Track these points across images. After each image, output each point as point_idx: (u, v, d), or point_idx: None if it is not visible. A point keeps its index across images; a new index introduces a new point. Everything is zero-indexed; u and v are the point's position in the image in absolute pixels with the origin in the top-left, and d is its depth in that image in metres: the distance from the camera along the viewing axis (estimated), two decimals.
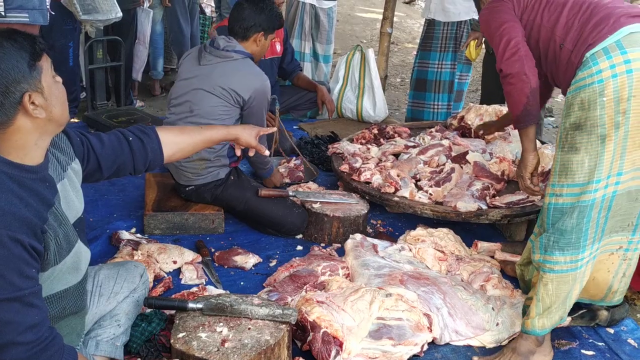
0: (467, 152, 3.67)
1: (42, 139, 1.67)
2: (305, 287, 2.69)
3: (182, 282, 2.84)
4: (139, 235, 3.19)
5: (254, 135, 2.41)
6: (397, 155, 3.89)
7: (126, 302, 2.22)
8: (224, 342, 2.06)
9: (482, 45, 4.77)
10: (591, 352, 2.53)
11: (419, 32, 8.43)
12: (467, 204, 3.19)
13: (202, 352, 2.01)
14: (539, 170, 2.78)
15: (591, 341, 2.60)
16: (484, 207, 3.22)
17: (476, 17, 4.58)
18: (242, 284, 2.89)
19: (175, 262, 2.93)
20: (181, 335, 2.10)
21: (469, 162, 3.60)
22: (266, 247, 3.24)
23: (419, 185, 3.45)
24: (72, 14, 4.38)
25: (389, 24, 5.34)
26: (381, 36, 5.46)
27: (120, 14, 4.52)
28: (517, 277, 2.84)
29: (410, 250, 3.09)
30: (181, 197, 3.37)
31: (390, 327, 2.37)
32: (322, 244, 3.28)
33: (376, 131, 4.24)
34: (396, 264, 2.87)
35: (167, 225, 3.25)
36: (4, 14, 3.35)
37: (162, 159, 2.15)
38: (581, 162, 2.20)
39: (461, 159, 3.64)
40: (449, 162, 3.62)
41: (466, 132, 4.06)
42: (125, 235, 3.11)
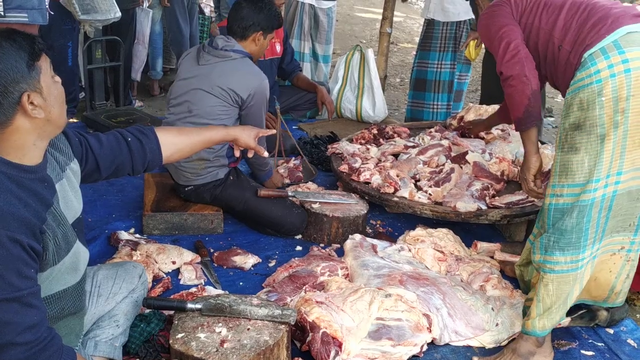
0: (466, 152, 3.67)
1: (40, 140, 1.67)
2: (304, 288, 2.68)
3: (181, 282, 2.84)
4: (137, 235, 3.19)
5: (253, 136, 2.42)
6: (396, 155, 3.89)
7: (125, 303, 2.22)
8: (223, 342, 2.06)
9: (482, 45, 4.77)
10: (591, 353, 2.53)
11: (418, 32, 8.43)
12: (467, 204, 3.18)
13: (201, 353, 2.01)
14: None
15: (591, 341, 2.60)
16: (484, 207, 3.22)
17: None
18: (241, 284, 2.89)
19: (174, 262, 2.93)
20: (180, 335, 2.09)
21: (469, 162, 3.59)
22: (265, 247, 3.24)
23: (418, 185, 3.45)
24: (71, 14, 4.38)
25: (388, 24, 5.34)
26: (380, 36, 5.46)
27: (119, 14, 4.52)
28: (516, 278, 2.84)
29: (409, 250, 3.08)
30: (180, 197, 3.36)
31: (389, 328, 2.37)
32: (322, 244, 3.27)
33: (375, 131, 4.23)
34: (395, 265, 2.87)
35: (166, 225, 3.25)
36: (3, 13, 3.34)
37: (161, 159, 2.16)
38: (581, 162, 2.20)
39: (461, 159, 3.64)
40: (449, 162, 3.62)
41: (466, 132, 4.06)
42: (124, 235, 3.10)
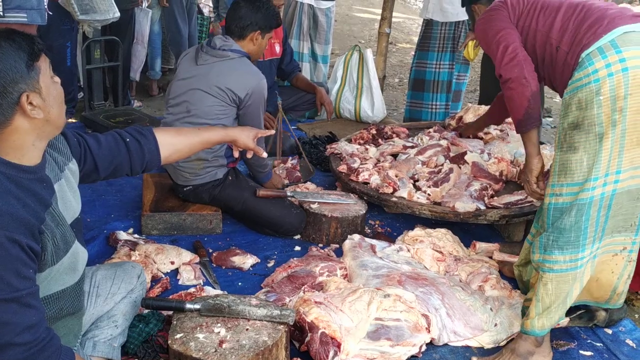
0: (465, 153, 3.67)
1: (39, 140, 1.67)
2: (303, 288, 2.68)
3: (180, 282, 2.84)
4: (136, 235, 3.19)
5: (251, 137, 2.41)
6: (395, 155, 3.89)
7: (123, 303, 2.22)
8: (221, 343, 2.06)
9: None
10: (589, 353, 2.53)
11: (417, 32, 8.43)
12: (466, 205, 3.18)
13: (200, 353, 2.01)
14: None
15: (589, 342, 2.60)
16: (482, 207, 3.22)
17: None
18: (239, 284, 2.89)
19: (172, 262, 2.92)
20: (179, 336, 2.09)
21: (467, 163, 3.60)
22: (264, 247, 3.24)
23: (417, 185, 3.45)
24: (70, 14, 4.38)
25: (387, 24, 5.34)
26: (379, 36, 5.46)
27: (118, 14, 4.52)
28: (515, 278, 2.84)
29: (408, 250, 3.08)
30: (179, 197, 3.36)
31: (388, 328, 2.37)
32: (320, 245, 3.27)
33: (374, 131, 4.24)
34: (394, 265, 2.87)
35: (164, 225, 3.25)
36: (2, 14, 3.34)
37: (159, 160, 2.16)
38: (580, 161, 2.21)
39: (459, 159, 3.64)
40: (447, 162, 3.62)
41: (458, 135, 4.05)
42: (122, 235, 3.10)
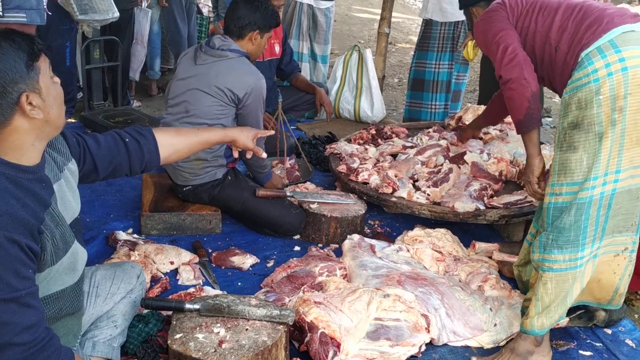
0: (464, 153, 3.67)
1: (39, 141, 1.67)
2: (302, 288, 2.68)
3: (179, 282, 2.83)
4: (136, 235, 3.18)
5: (251, 137, 2.41)
6: (394, 155, 3.89)
7: (123, 303, 2.22)
8: (221, 343, 2.06)
9: None
10: (589, 353, 2.53)
11: (416, 32, 8.43)
12: (465, 205, 3.18)
13: (199, 353, 2.01)
14: None
15: (589, 342, 2.60)
16: (482, 207, 3.22)
17: None
18: (239, 284, 2.89)
19: (172, 262, 2.92)
20: (178, 336, 2.09)
21: (467, 163, 3.60)
22: (263, 247, 3.24)
23: (416, 185, 3.45)
24: (69, 14, 4.38)
25: (386, 24, 5.34)
26: (379, 36, 5.46)
27: (117, 14, 4.51)
28: (514, 278, 2.84)
29: (408, 250, 3.08)
30: (178, 197, 3.36)
31: (387, 328, 2.37)
32: (320, 245, 3.27)
33: (374, 131, 4.24)
34: (394, 265, 2.87)
35: (164, 225, 3.24)
36: (2, 14, 3.34)
37: (159, 160, 2.16)
38: (580, 160, 2.21)
39: (459, 159, 3.64)
40: (447, 162, 3.62)
41: (457, 139, 4.03)
42: (122, 235, 3.10)
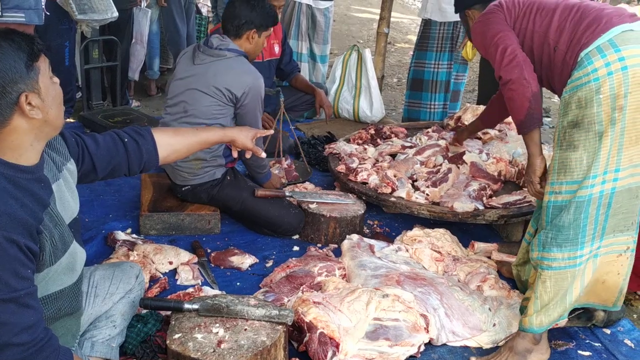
0: (463, 153, 3.67)
1: (37, 141, 1.67)
2: (301, 288, 2.68)
3: (178, 282, 2.83)
4: (134, 235, 3.18)
5: (250, 137, 2.41)
6: (393, 155, 3.89)
7: (122, 303, 2.22)
8: (220, 343, 2.05)
9: None
10: (588, 353, 2.53)
11: (415, 32, 8.43)
12: (464, 205, 3.18)
13: (198, 353, 2.00)
14: None
15: (588, 342, 2.61)
16: (481, 207, 3.22)
17: None
18: (238, 284, 2.89)
19: (171, 262, 2.92)
20: (177, 336, 2.09)
21: (466, 163, 3.60)
22: (262, 247, 3.24)
23: (415, 185, 3.45)
24: (68, 14, 4.37)
25: (385, 24, 5.34)
26: (378, 36, 5.46)
27: (116, 14, 4.51)
28: (513, 279, 2.84)
29: (407, 250, 3.08)
30: (177, 197, 3.36)
31: (387, 328, 2.37)
32: (319, 245, 3.27)
33: (373, 131, 4.23)
34: (393, 265, 2.87)
35: (163, 225, 3.24)
36: (0, 13, 3.34)
37: (157, 160, 2.15)
38: (580, 159, 2.22)
39: (458, 159, 3.64)
40: (446, 162, 3.62)
41: (453, 142, 4.02)
42: (120, 235, 3.10)
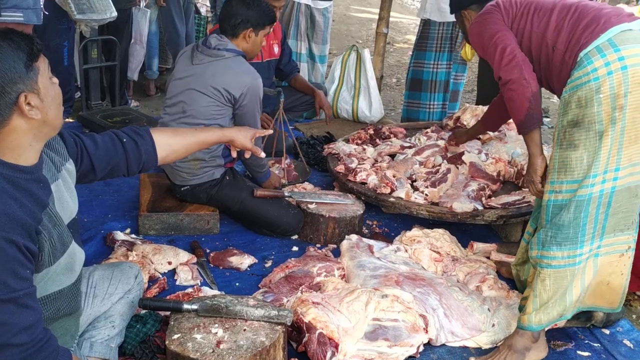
0: (462, 153, 3.67)
1: (36, 141, 1.66)
2: (300, 288, 2.68)
3: (177, 283, 2.83)
4: (133, 235, 3.18)
5: (249, 137, 2.41)
6: (393, 155, 3.89)
7: (121, 303, 2.22)
8: (219, 343, 2.05)
9: None
10: (587, 353, 2.53)
11: (414, 32, 8.43)
12: (463, 205, 3.18)
13: (197, 354, 2.00)
14: None
15: (587, 342, 2.61)
16: (480, 207, 3.22)
17: None
18: (237, 284, 2.89)
19: (170, 263, 2.92)
20: (176, 336, 2.09)
21: (465, 163, 3.60)
22: (261, 247, 3.23)
23: (414, 185, 3.45)
24: (67, 14, 4.37)
25: (384, 24, 5.33)
26: (377, 36, 5.46)
27: (115, 14, 4.51)
28: (512, 279, 2.84)
29: (406, 251, 3.08)
30: (176, 197, 3.35)
31: (386, 328, 2.37)
32: (318, 245, 3.27)
33: (372, 131, 4.23)
34: (392, 265, 2.87)
35: (162, 225, 3.24)
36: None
37: (156, 160, 2.15)
38: (580, 158, 2.22)
39: (457, 159, 3.64)
40: (445, 162, 3.62)
41: (451, 143, 4.02)
42: (119, 235, 3.09)
